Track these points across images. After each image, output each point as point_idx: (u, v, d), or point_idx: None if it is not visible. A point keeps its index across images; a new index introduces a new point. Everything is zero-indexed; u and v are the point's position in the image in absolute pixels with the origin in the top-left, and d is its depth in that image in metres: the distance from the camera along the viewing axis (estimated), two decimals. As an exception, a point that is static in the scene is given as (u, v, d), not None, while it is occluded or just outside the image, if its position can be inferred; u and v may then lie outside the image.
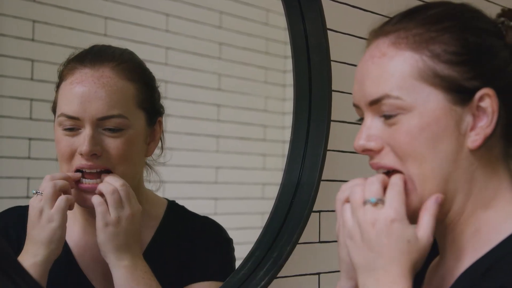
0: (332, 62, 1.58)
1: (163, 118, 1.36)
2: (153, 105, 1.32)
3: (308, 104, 1.56)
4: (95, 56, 1.26)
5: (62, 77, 1.26)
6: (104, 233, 1.20)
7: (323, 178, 1.55)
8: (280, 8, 1.57)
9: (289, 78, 1.66)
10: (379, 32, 0.98)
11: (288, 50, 1.62)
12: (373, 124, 0.96)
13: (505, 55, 0.95)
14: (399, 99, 0.93)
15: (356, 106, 1.00)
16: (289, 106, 1.64)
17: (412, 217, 0.96)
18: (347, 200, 0.97)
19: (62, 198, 1.19)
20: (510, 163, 0.98)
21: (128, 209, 1.21)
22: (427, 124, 0.92)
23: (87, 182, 1.23)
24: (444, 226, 0.97)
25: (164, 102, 1.37)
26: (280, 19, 1.66)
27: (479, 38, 0.94)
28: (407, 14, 0.98)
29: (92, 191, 1.23)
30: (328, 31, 1.58)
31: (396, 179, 0.93)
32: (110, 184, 1.21)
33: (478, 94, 0.92)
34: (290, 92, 1.64)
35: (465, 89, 0.92)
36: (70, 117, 1.22)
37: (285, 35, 1.68)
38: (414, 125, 0.92)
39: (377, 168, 0.97)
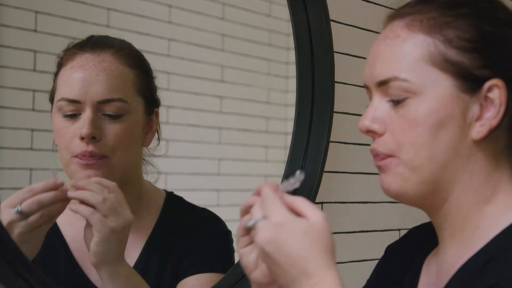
0: (335, 54, 1.58)
1: (164, 109, 1.36)
2: (152, 94, 1.33)
3: (311, 96, 1.56)
4: (95, 42, 1.27)
5: (60, 64, 1.26)
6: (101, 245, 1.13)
7: (325, 169, 1.55)
8: (283, -1, 1.57)
9: (292, 70, 1.66)
10: (395, 15, 0.97)
11: (290, 42, 1.61)
12: (380, 106, 0.95)
13: None
14: (406, 81, 0.92)
15: (366, 87, 0.99)
16: (291, 98, 1.63)
17: (400, 197, 0.95)
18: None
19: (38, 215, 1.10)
20: None
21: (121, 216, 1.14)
22: (434, 110, 0.91)
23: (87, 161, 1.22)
24: (443, 216, 0.96)
25: (167, 94, 1.38)
26: (283, 11, 1.65)
27: (495, 27, 0.93)
28: None
29: (93, 167, 1.20)
30: (331, 22, 1.58)
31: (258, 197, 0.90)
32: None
33: (487, 84, 0.91)
34: (292, 84, 1.64)
35: (474, 77, 0.91)
36: (71, 101, 1.22)
37: (288, 27, 1.67)
38: (421, 110, 0.91)
39: (375, 154, 0.96)
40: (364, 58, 1.00)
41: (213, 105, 1.76)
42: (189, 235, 1.34)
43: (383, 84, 0.94)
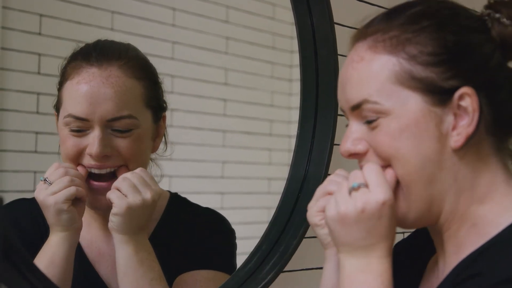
0: (339, 56, 1.58)
1: (168, 112, 1.36)
2: (159, 102, 1.32)
3: (315, 99, 1.56)
4: (101, 53, 1.24)
5: (66, 75, 1.25)
6: (123, 216, 1.19)
7: (329, 172, 1.55)
8: (286, 2, 1.57)
9: (295, 73, 1.66)
10: (358, 36, 0.97)
11: (294, 45, 1.62)
12: (357, 128, 0.96)
13: (488, 50, 0.94)
14: (377, 103, 0.93)
15: (342, 110, 1.00)
16: (295, 100, 1.64)
17: (402, 223, 0.96)
18: (330, 193, 1.02)
19: (70, 189, 1.18)
20: (505, 157, 0.97)
21: (148, 191, 1.20)
22: (406, 126, 0.92)
23: (97, 185, 1.24)
24: (439, 225, 0.97)
25: (171, 97, 1.38)
26: (286, 14, 1.65)
27: (458, 35, 0.93)
28: (386, 15, 0.97)
29: (103, 192, 1.22)
30: (335, 25, 1.58)
31: (370, 164, 0.94)
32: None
33: (457, 94, 0.91)
34: (296, 87, 1.64)
35: (443, 90, 0.91)
36: (79, 118, 1.21)
37: (291, 30, 1.67)
38: (394, 127, 0.92)
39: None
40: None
41: (216, 108, 1.76)
42: (190, 233, 1.34)
43: (356, 108, 0.95)
